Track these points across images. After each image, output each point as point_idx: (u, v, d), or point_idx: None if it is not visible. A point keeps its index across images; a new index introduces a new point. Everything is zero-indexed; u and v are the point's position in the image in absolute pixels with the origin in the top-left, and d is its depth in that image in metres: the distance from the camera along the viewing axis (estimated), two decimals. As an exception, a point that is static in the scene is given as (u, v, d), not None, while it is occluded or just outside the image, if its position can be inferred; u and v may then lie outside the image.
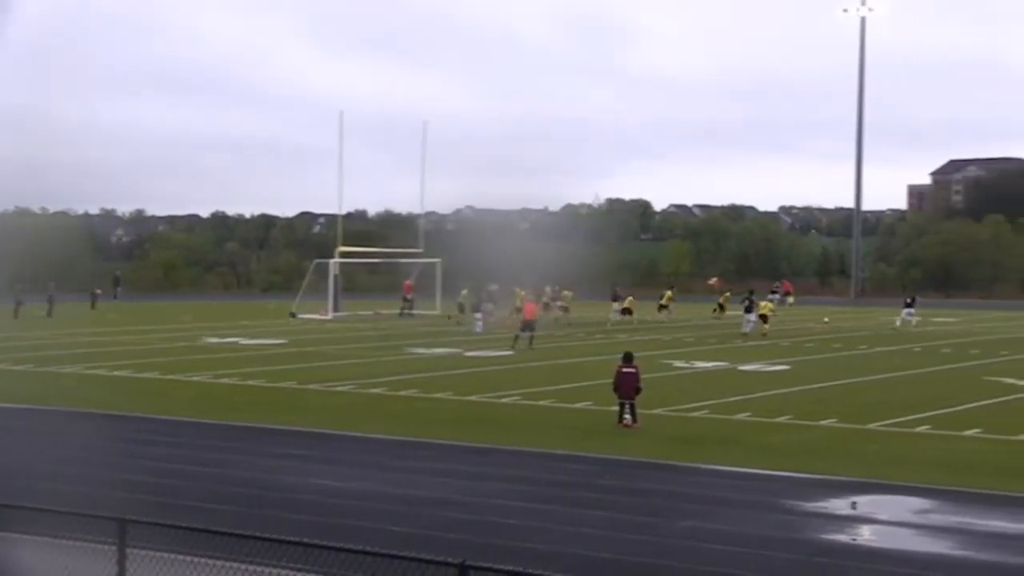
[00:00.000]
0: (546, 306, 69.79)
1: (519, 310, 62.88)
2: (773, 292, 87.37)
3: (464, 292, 74.84)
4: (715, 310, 79.20)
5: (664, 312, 74.45)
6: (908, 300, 72.77)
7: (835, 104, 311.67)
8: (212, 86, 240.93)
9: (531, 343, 54.06)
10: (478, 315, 65.47)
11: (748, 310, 64.00)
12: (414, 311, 78.87)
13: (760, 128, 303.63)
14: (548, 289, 73.85)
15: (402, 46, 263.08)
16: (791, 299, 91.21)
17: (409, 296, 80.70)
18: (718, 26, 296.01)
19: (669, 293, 77.16)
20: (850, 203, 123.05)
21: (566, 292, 75.00)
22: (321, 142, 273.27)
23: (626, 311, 70.61)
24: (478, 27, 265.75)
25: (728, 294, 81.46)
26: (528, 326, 55.13)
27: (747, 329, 62.37)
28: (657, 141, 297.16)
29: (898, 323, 69.82)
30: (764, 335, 60.52)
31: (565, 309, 72.39)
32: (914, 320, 70.37)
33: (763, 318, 64.49)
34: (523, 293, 66.72)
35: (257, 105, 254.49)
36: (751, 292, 67.88)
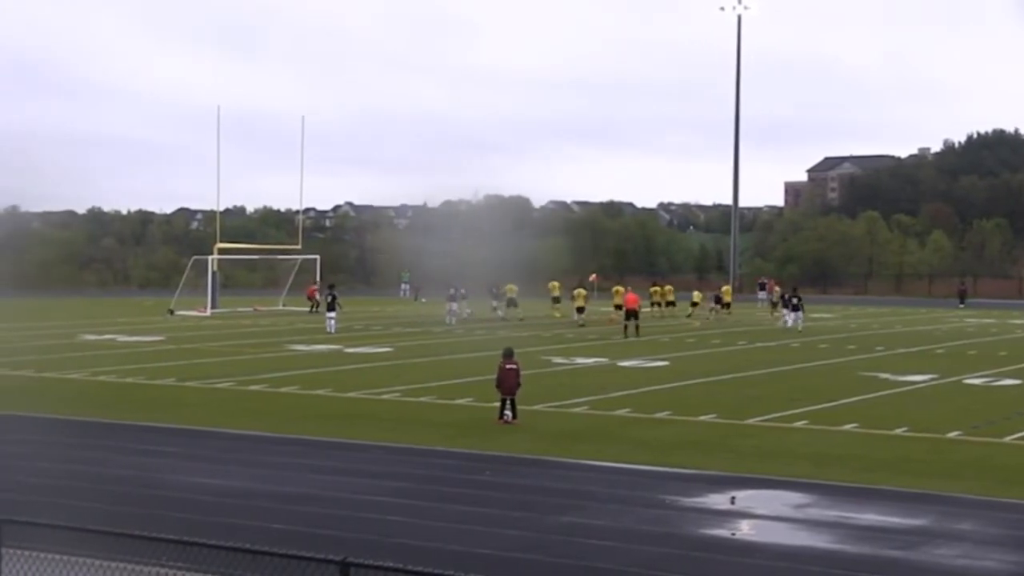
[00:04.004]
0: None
1: (618, 306, 67.00)
2: (762, 289, 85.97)
3: (511, 286, 75.56)
4: (716, 309, 76.53)
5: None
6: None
7: (713, 101, 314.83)
8: (70, 83, 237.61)
9: (637, 331, 59.03)
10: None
11: (796, 308, 65.74)
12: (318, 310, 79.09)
13: (638, 125, 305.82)
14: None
15: (241, 43, 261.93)
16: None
17: (315, 298, 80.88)
18: (593, 23, 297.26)
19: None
20: (728, 200, 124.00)
21: (510, 286, 75.43)
22: (194, 139, 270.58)
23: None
24: (324, 26, 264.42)
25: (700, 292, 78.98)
26: (632, 315, 59.83)
27: (795, 324, 64.57)
28: (530, 137, 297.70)
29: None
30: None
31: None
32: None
33: (617, 307, 67.97)
34: (621, 289, 69.26)
35: (120, 102, 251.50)
36: (795, 289, 69.90)
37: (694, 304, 78.01)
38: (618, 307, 69.94)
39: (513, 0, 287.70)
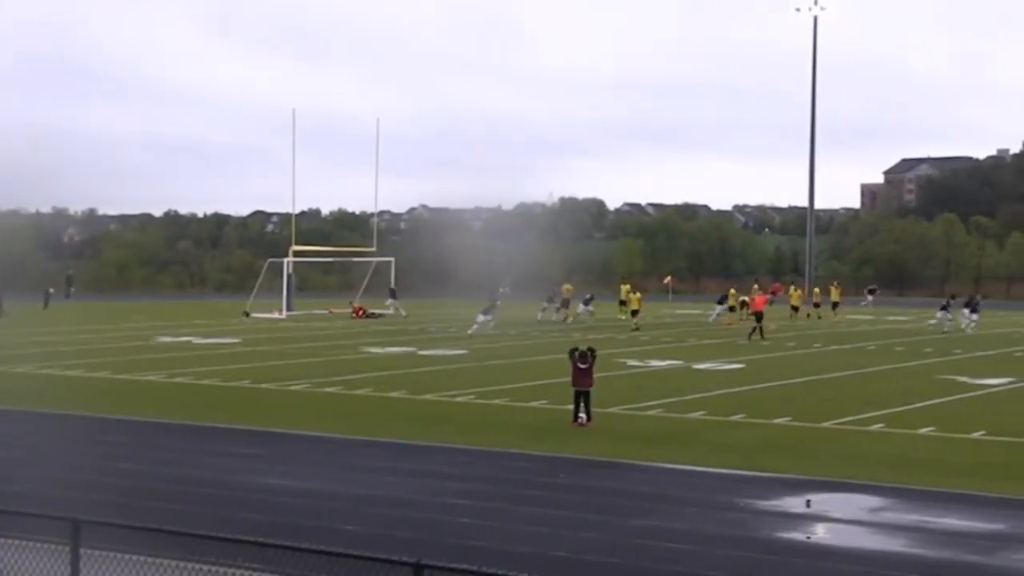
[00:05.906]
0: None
1: (739, 306, 70.08)
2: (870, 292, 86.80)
3: (567, 286, 78.10)
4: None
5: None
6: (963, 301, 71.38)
7: (787, 103, 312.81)
8: (147, 88, 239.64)
9: (762, 334, 59.08)
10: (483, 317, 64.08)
11: (944, 307, 67.90)
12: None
13: (711, 127, 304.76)
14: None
15: (316, 47, 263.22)
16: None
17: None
18: (666, 25, 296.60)
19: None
20: (803, 202, 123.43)
21: (567, 286, 77.20)
22: (269, 142, 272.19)
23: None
24: (395, 30, 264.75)
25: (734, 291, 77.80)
26: (759, 316, 60.32)
27: (940, 323, 66.97)
28: (604, 140, 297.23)
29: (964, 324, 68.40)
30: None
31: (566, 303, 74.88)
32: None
33: (731, 309, 71.02)
34: (734, 291, 72.86)
35: (196, 106, 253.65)
36: (953, 297, 72.01)
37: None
38: (731, 309, 70.55)
39: (585, 2, 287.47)
